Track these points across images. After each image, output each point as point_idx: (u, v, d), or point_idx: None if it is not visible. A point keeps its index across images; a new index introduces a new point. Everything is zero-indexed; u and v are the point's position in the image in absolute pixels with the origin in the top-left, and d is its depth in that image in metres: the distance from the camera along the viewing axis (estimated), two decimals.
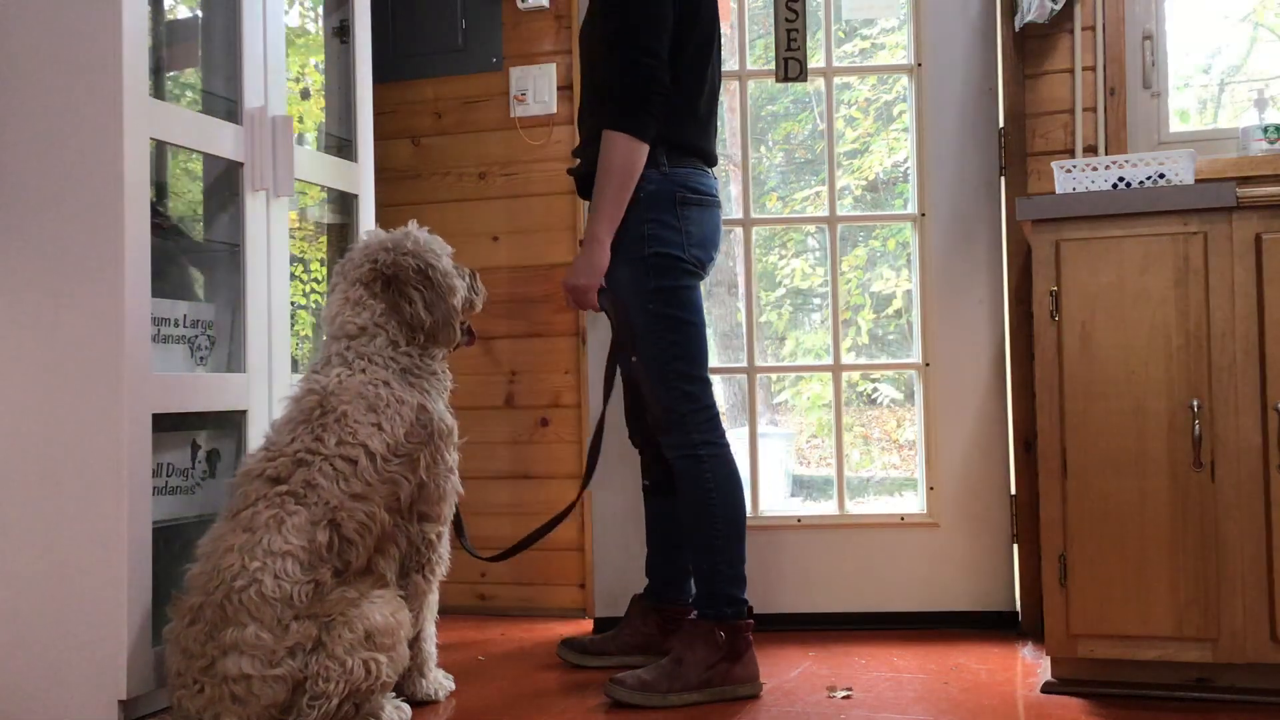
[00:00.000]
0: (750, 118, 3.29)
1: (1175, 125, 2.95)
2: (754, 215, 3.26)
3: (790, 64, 3.06)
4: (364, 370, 2.24)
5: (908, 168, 3.22)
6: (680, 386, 2.39)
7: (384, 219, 3.25)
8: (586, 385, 3.20)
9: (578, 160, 2.58)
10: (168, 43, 2.75)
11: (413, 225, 2.41)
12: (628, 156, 2.32)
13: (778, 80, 3.10)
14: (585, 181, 2.52)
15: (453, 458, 2.33)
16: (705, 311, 2.56)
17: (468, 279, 2.46)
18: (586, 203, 2.60)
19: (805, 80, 3.10)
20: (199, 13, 2.81)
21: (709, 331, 2.57)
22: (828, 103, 3.20)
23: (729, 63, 3.23)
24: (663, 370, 2.39)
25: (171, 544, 2.37)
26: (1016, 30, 2.92)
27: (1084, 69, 2.90)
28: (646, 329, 2.39)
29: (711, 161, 2.54)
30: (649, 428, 2.53)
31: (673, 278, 2.39)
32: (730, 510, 2.41)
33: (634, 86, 2.31)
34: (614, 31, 2.35)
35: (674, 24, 2.38)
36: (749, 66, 3.18)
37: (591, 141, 2.44)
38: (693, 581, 2.53)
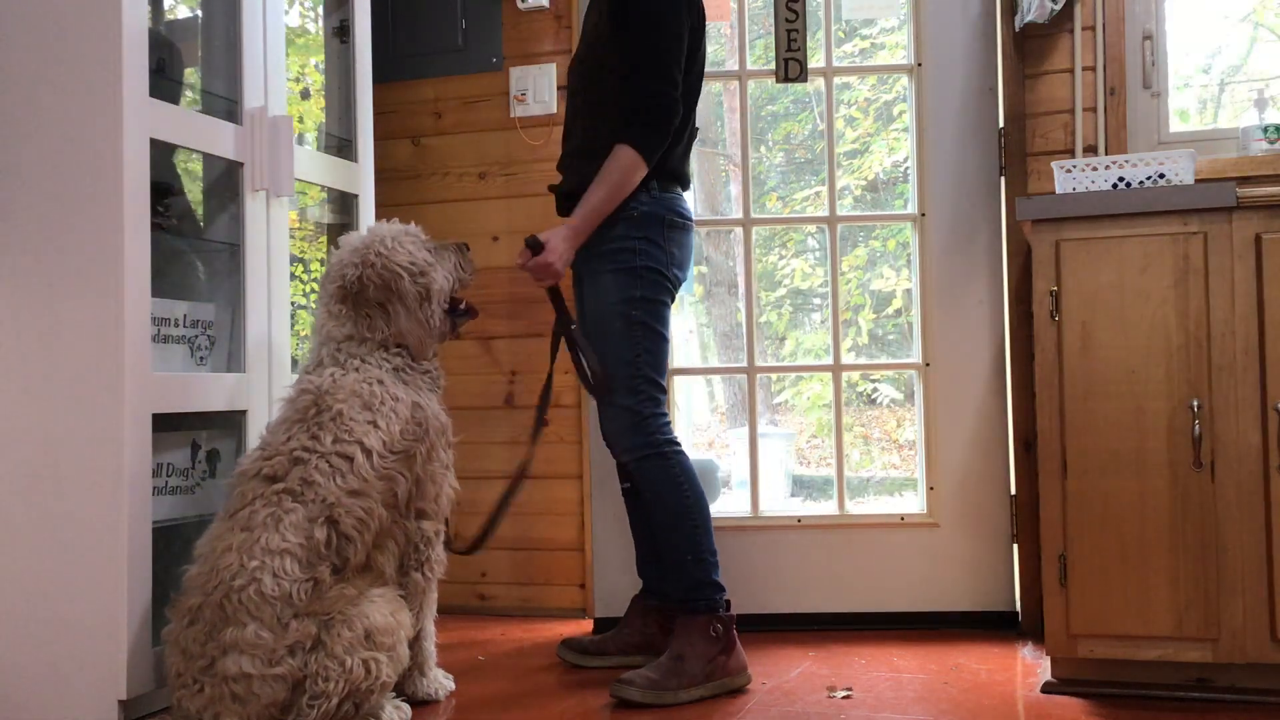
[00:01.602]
0: (750, 118, 3.28)
1: (1175, 125, 2.95)
2: (754, 215, 3.27)
3: (790, 64, 3.07)
4: (357, 369, 2.24)
5: (908, 168, 3.22)
6: (647, 391, 2.48)
7: (384, 219, 3.25)
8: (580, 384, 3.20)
9: (561, 175, 2.63)
10: (168, 42, 2.75)
11: (382, 225, 2.40)
12: (631, 173, 2.43)
13: (778, 81, 3.11)
14: (566, 200, 2.59)
15: (448, 455, 2.34)
16: (706, 312, 2.60)
17: (453, 258, 2.45)
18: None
19: (805, 81, 3.10)
20: (198, 12, 2.81)
21: (709, 332, 2.61)
22: (828, 103, 3.19)
23: (729, 63, 3.24)
24: (634, 374, 2.47)
25: (171, 544, 2.37)
26: (1016, 30, 2.92)
27: (1084, 69, 2.90)
28: (624, 334, 2.47)
29: (687, 186, 2.65)
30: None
31: (655, 290, 2.50)
32: (702, 501, 2.49)
33: (658, 112, 2.43)
34: (640, 56, 2.44)
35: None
36: (749, 66, 3.18)
37: (581, 155, 2.53)
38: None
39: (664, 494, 2.47)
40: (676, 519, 2.46)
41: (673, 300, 2.59)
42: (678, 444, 2.51)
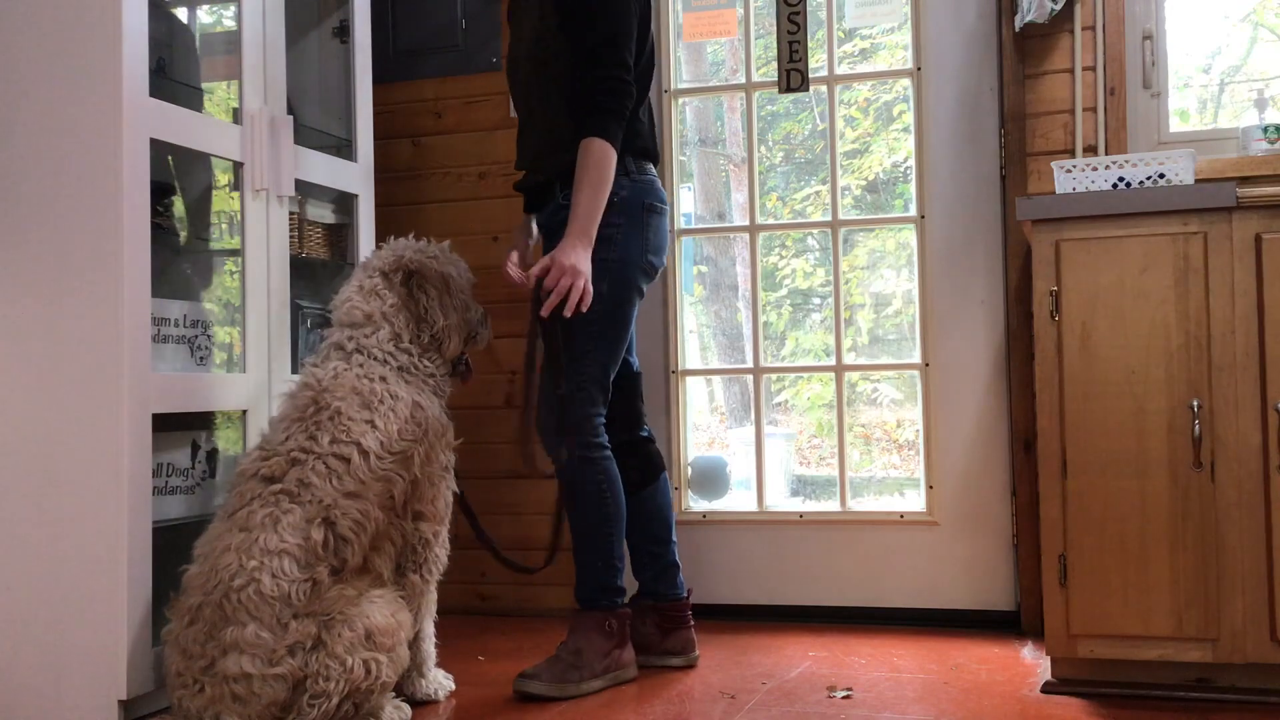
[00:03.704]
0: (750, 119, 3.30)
1: (1175, 125, 2.95)
2: (760, 221, 3.29)
3: (792, 75, 3.11)
4: (361, 365, 2.24)
5: (908, 167, 3.22)
6: (593, 392, 2.49)
7: (384, 219, 3.25)
8: None
9: (524, 173, 2.64)
10: (205, 53, 2.76)
11: (434, 245, 2.45)
12: (606, 163, 2.40)
13: (780, 91, 3.17)
14: (537, 192, 2.62)
15: (448, 457, 2.33)
16: (707, 312, 2.60)
17: (480, 313, 2.49)
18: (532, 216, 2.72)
19: (807, 90, 3.15)
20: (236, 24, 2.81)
21: (709, 332, 2.61)
22: (830, 110, 3.20)
23: (737, 75, 3.26)
24: (584, 375, 2.47)
25: (171, 544, 2.37)
26: (1016, 30, 2.92)
27: (1084, 69, 2.90)
28: (582, 331, 2.45)
29: (658, 161, 2.65)
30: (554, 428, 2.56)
31: (625, 289, 2.50)
32: (621, 510, 2.53)
33: (614, 97, 2.42)
34: (592, 43, 2.43)
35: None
36: (755, 78, 3.22)
37: (549, 149, 2.52)
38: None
39: (587, 498, 2.50)
40: (594, 525, 2.50)
41: (647, 286, 2.58)
42: (608, 448, 2.52)
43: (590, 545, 2.52)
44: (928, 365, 3.05)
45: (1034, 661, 2.62)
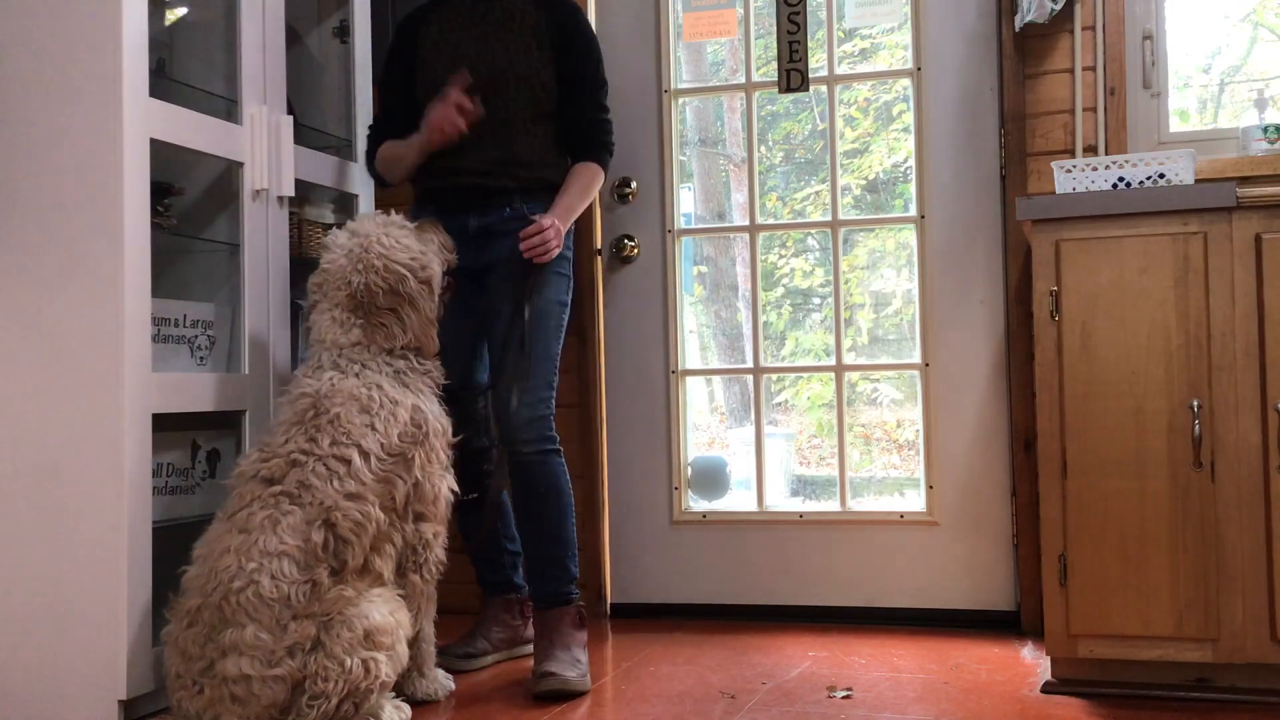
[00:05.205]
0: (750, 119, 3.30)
1: (1175, 125, 2.95)
2: (759, 221, 3.29)
3: (792, 75, 3.12)
4: (357, 374, 2.24)
5: (908, 167, 3.23)
6: (553, 392, 2.60)
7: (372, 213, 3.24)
8: (588, 383, 3.21)
9: (474, 174, 2.63)
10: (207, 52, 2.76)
11: (365, 221, 2.39)
12: (599, 185, 2.74)
13: (780, 91, 3.17)
14: (481, 194, 2.61)
15: (447, 455, 2.34)
16: (707, 312, 2.64)
17: (436, 238, 2.46)
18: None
19: (807, 90, 3.16)
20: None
21: (708, 332, 2.65)
22: (830, 110, 3.20)
23: (737, 75, 3.27)
24: (549, 376, 2.58)
25: (171, 544, 2.37)
26: (1016, 30, 2.92)
27: (1084, 69, 2.90)
28: (555, 334, 2.60)
29: None
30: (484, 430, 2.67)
31: (572, 296, 2.70)
32: (573, 504, 2.62)
33: (611, 135, 2.73)
34: (590, 83, 2.69)
35: None
36: (755, 78, 3.21)
37: (520, 164, 2.61)
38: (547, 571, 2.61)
39: (560, 490, 2.58)
40: (564, 516, 2.57)
41: None
42: (559, 440, 2.61)
43: (563, 537, 2.58)
44: (928, 365, 3.05)
45: (1034, 661, 2.62)
